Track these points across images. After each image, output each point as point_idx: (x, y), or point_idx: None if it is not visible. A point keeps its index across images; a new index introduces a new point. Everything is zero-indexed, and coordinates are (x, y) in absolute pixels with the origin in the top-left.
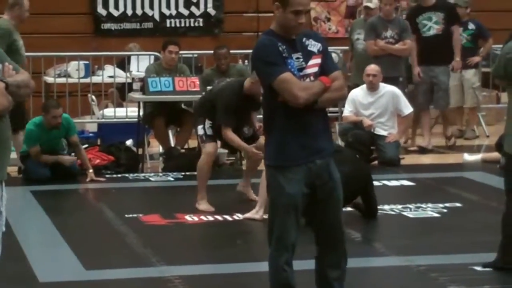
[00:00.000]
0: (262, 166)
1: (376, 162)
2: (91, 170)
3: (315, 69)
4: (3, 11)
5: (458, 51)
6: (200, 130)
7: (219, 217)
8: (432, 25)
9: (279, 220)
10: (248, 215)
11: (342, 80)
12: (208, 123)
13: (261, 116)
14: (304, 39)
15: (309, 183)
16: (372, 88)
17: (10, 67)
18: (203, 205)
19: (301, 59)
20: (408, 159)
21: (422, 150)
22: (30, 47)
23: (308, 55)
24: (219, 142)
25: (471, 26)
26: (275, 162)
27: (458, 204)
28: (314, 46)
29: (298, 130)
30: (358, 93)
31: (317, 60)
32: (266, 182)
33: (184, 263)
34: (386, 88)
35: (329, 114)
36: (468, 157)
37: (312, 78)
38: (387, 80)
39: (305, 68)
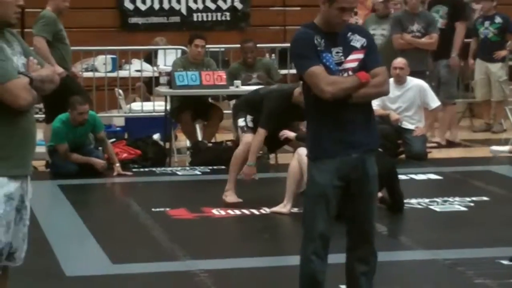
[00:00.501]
0: (287, 160)
1: (403, 156)
2: (118, 164)
3: (354, 64)
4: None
5: (457, 47)
6: (241, 122)
7: (246, 211)
8: (438, 18)
9: (309, 210)
10: (275, 208)
11: (384, 77)
12: (249, 117)
13: None
14: (349, 34)
15: (343, 176)
16: (399, 81)
17: (35, 62)
18: (230, 196)
19: (341, 54)
20: (435, 153)
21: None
22: None
23: (349, 50)
24: None
25: (497, 19)
26: (310, 154)
27: (485, 198)
28: (358, 41)
29: (332, 124)
30: None
31: (358, 56)
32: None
33: (211, 257)
34: (413, 82)
35: None
36: (495, 148)
37: (350, 73)
38: (413, 74)
39: (344, 62)
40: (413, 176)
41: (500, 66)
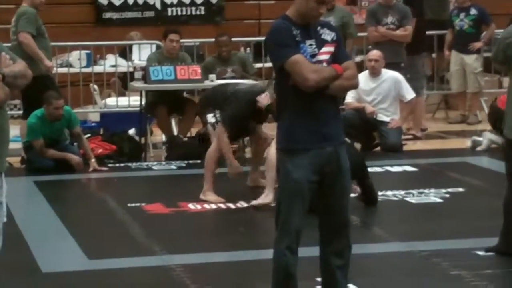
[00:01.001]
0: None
1: (378, 148)
2: (93, 160)
3: (327, 56)
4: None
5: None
6: (210, 118)
7: (222, 205)
8: None
9: (285, 205)
10: (258, 201)
11: (354, 70)
12: (218, 113)
13: None
14: (318, 28)
15: (317, 170)
16: (374, 73)
17: (7, 57)
18: (211, 196)
19: (314, 46)
20: (410, 145)
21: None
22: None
23: (321, 43)
24: None
25: (473, 11)
26: (284, 146)
27: (460, 189)
28: (328, 35)
29: (308, 115)
30: (360, 79)
31: (330, 48)
32: (276, 167)
33: (187, 251)
34: (388, 74)
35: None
36: (477, 138)
37: (324, 64)
38: (388, 66)
39: (318, 54)
40: (388, 168)
41: (475, 57)
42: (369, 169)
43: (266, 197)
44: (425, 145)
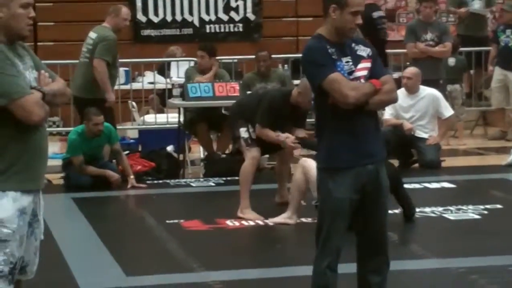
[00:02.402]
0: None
1: (417, 164)
2: (132, 177)
3: (365, 72)
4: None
5: None
6: (244, 133)
7: (260, 222)
8: None
9: (326, 224)
10: (277, 219)
11: (392, 84)
12: (251, 128)
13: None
14: (353, 45)
15: (359, 189)
16: (410, 90)
17: (46, 75)
18: (249, 214)
19: (351, 63)
20: (449, 161)
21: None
22: (71, 55)
23: (358, 59)
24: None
25: None
26: (325, 165)
27: (499, 206)
28: (363, 51)
29: (349, 133)
30: (399, 95)
31: (367, 64)
32: (317, 185)
33: (225, 268)
34: (427, 91)
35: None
36: None
37: (362, 80)
38: (427, 82)
39: (355, 71)
40: (426, 184)
41: None
42: (408, 186)
43: (290, 219)
44: (464, 162)
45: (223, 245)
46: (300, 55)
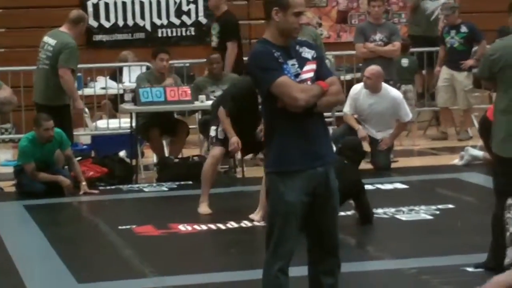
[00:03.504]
0: (253, 173)
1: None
2: (84, 183)
3: (311, 74)
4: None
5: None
6: (212, 131)
7: (212, 226)
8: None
9: (278, 228)
10: (251, 215)
11: (339, 85)
12: (220, 128)
13: None
14: (297, 47)
15: (310, 191)
16: (370, 89)
17: None
18: (202, 207)
19: (296, 65)
20: (403, 162)
21: None
22: (23, 61)
23: (303, 61)
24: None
25: (463, 29)
26: (276, 168)
27: (450, 206)
28: (308, 53)
29: (299, 136)
30: (360, 91)
31: (312, 66)
32: (266, 189)
33: (177, 273)
34: (391, 93)
35: (336, 113)
36: (472, 150)
37: (309, 83)
38: None
39: (301, 73)
40: (379, 185)
41: (466, 75)
42: None
43: (254, 215)
44: (418, 162)
45: (175, 250)
46: None
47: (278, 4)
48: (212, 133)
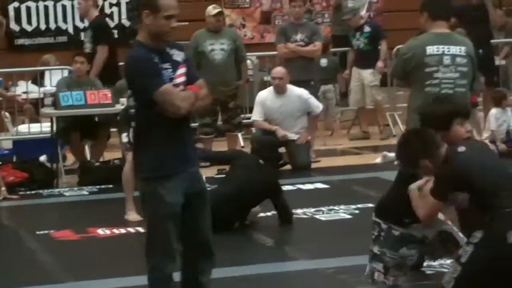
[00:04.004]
0: None
1: (288, 166)
2: (3, 188)
3: (183, 78)
4: None
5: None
6: (124, 137)
7: (131, 230)
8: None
9: (162, 230)
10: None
11: (206, 89)
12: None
13: None
14: (168, 49)
15: (184, 192)
16: (279, 91)
17: None
18: (131, 215)
19: (170, 70)
20: (325, 161)
21: None
22: None
23: (176, 65)
24: None
25: (367, 29)
26: (154, 173)
27: (370, 205)
28: (178, 55)
29: (174, 140)
30: (267, 97)
31: (183, 70)
32: (141, 196)
33: (94, 277)
34: (295, 91)
35: (244, 121)
36: (389, 154)
37: (181, 87)
38: (299, 83)
39: (174, 77)
40: (300, 186)
41: (370, 72)
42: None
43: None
44: (341, 162)
45: (92, 254)
46: None
47: (149, 7)
48: (125, 139)
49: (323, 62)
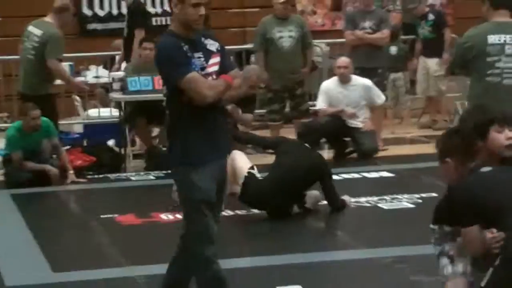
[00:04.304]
0: None
1: (355, 154)
2: (71, 172)
3: (216, 67)
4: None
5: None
6: None
7: None
8: None
9: (199, 215)
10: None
11: (241, 79)
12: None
13: None
14: (202, 39)
15: (215, 181)
16: (343, 80)
17: None
18: None
19: (202, 58)
20: (392, 150)
21: None
22: (15, 50)
23: (208, 54)
24: None
25: (430, 17)
26: (186, 160)
27: (434, 194)
28: (212, 45)
29: (204, 129)
30: (331, 86)
31: (217, 59)
32: (177, 185)
33: (152, 262)
34: (358, 80)
35: (311, 108)
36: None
37: (214, 76)
38: (365, 70)
39: (206, 67)
40: (365, 174)
41: (436, 61)
42: (346, 176)
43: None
44: (409, 150)
45: (154, 239)
46: (247, 46)
47: None
48: None
49: (393, 49)
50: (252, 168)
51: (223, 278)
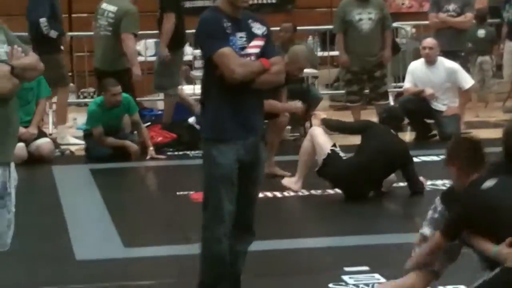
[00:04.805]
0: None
1: (437, 137)
2: (151, 148)
3: (257, 50)
4: None
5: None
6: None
7: (268, 194)
8: None
9: (215, 191)
10: (286, 183)
11: (281, 66)
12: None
13: None
14: (250, 21)
15: (239, 159)
16: (429, 61)
17: (19, 50)
18: (296, 184)
19: (244, 39)
20: (477, 133)
21: None
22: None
23: (252, 36)
24: None
25: None
26: (209, 135)
27: None
28: (259, 29)
29: (233, 107)
30: (417, 66)
31: (260, 42)
32: (202, 155)
33: None
34: (444, 64)
35: (396, 90)
36: None
37: (252, 58)
38: (448, 53)
39: (247, 48)
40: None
41: None
42: (425, 158)
43: (295, 184)
44: (492, 134)
45: None
46: (332, 26)
47: None
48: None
49: (481, 33)
50: (334, 145)
51: (224, 260)
